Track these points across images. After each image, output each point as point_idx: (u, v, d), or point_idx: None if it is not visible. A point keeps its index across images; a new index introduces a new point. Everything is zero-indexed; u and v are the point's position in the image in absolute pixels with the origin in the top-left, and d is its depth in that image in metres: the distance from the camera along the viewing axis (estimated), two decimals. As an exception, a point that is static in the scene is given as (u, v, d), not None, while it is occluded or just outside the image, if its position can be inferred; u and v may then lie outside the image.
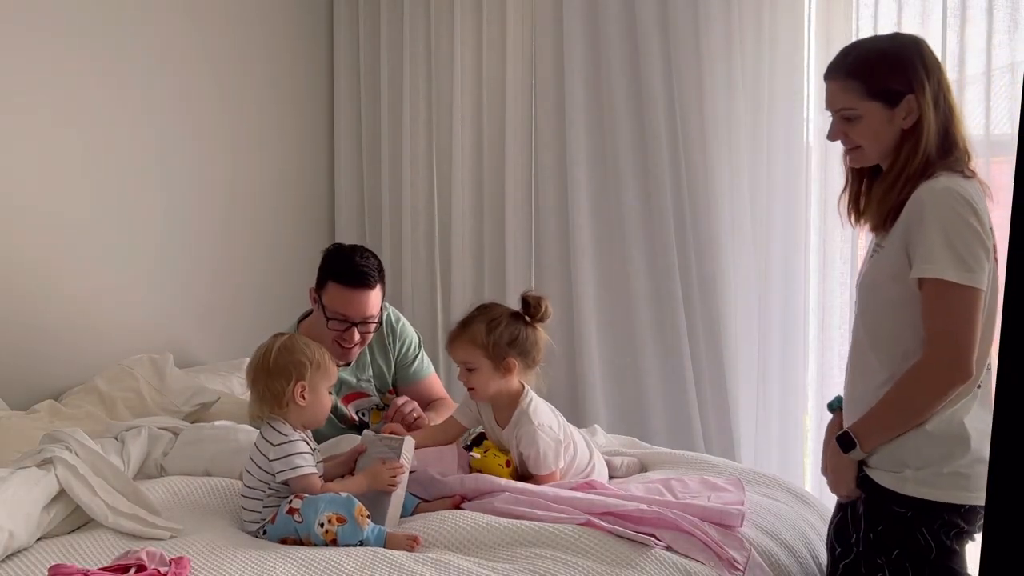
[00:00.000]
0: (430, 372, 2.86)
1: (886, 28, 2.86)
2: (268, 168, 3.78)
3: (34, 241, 3.05)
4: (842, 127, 1.96)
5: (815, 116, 3.04)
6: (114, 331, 3.26)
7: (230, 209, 3.64)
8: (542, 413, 2.36)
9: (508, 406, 2.37)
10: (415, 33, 3.78)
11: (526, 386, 2.39)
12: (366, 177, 4.00)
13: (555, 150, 3.49)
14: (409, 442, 2.23)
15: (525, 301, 2.39)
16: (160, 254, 3.42)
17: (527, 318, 2.38)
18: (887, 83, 1.89)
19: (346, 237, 3.99)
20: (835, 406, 2.12)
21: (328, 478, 2.20)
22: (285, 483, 2.10)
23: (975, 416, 1.88)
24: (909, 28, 2.83)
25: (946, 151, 1.89)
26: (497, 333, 2.32)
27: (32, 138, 3.02)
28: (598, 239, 3.42)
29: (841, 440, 1.94)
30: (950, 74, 2.69)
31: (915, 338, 1.87)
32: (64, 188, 3.12)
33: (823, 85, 2.95)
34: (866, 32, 2.87)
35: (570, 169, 3.41)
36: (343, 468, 2.29)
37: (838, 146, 2.93)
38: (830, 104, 1.98)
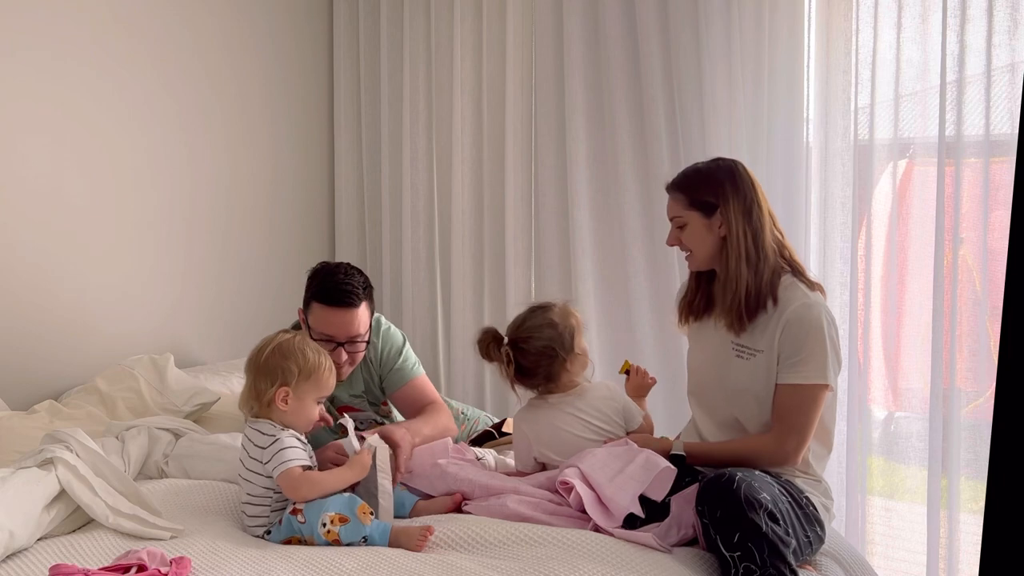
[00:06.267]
0: (418, 374, 2.73)
1: (886, 28, 2.86)
2: (268, 168, 3.79)
3: (34, 242, 3.05)
4: (676, 233, 2.31)
5: (815, 116, 3.04)
6: (114, 331, 3.27)
7: (230, 209, 3.65)
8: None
9: None
10: (415, 33, 3.79)
11: None
12: (366, 177, 4.00)
13: (555, 150, 3.49)
14: (382, 449, 2.20)
15: None
16: (160, 255, 3.42)
17: None
18: (702, 196, 2.25)
19: (346, 237, 4.00)
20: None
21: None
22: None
23: None
24: (909, 28, 2.83)
25: (768, 256, 2.22)
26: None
27: (32, 140, 3.03)
28: (598, 239, 3.41)
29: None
30: (950, 74, 2.72)
31: (767, 419, 2.22)
32: (64, 189, 3.12)
33: (823, 85, 3.00)
34: (866, 32, 2.88)
35: (570, 169, 3.41)
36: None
37: (838, 146, 3.01)
38: (668, 213, 2.34)
